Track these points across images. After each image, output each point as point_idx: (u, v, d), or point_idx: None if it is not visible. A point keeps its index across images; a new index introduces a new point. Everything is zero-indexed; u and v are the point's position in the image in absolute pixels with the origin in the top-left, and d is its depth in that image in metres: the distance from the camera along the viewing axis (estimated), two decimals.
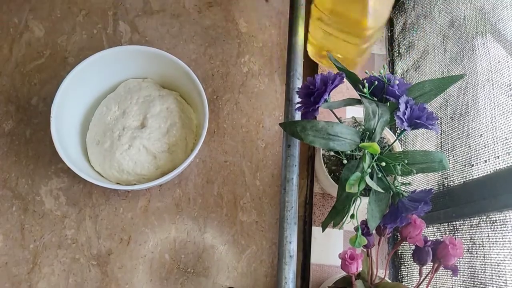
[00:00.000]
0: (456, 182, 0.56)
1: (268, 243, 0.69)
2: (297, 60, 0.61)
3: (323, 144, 0.46)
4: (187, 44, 0.79)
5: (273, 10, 0.83)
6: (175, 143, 0.67)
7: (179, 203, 0.70)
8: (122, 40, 0.78)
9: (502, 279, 0.46)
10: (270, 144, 0.74)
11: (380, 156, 0.48)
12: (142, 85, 0.70)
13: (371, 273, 0.52)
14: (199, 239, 0.68)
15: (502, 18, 0.51)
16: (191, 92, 0.68)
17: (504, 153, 0.48)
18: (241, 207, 0.70)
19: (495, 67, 0.51)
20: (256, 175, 0.72)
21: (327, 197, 0.70)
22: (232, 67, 0.78)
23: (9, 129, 0.71)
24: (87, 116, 0.69)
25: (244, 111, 0.76)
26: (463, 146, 0.56)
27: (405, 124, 0.45)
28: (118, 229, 0.68)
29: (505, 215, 0.46)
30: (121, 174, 0.65)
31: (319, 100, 0.47)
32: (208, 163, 0.72)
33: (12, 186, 0.68)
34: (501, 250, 0.47)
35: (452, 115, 0.59)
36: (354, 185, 0.44)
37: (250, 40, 0.80)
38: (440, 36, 0.64)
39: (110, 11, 0.80)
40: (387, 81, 0.48)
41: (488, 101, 0.52)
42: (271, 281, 0.67)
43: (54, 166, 0.70)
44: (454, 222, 0.56)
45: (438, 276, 0.56)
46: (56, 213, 0.67)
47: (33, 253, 0.65)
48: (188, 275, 0.66)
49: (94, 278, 0.65)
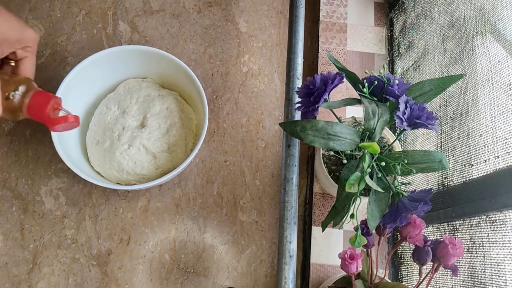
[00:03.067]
0: (456, 182, 0.56)
1: (268, 243, 0.69)
2: (297, 60, 0.61)
3: (323, 144, 0.46)
4: (187, 44, 0.79)
5: (273, 10, 0.83)
6: (175, 143, 0.67)
7: (179, 203, 0.70)
8: (122, 40, 0.78)
9: (502, 279, 0.46)
10: (270, 144, 0.74)
11: (380, 156, 0.48)
12: (142, 85, 0.70)
13: (371, 273, 0.52)
14: (199, 239, 0.68)
15: (502, 18, 0.51)
16: (191, 92, 0.68)
17: (504, 152, 0.48)
18: (241, 207, 0.70)
19: (495, 67, 0.51)
20: (256, 175, 0.72)
21: (327, 197, 0.70)
22: (232, 67, 0.78)
23: (9, 129, 0.71)
24: (87, 116, 0.69)
25: (244, 111, 0.76)
26: (463, 146, 0.56)
27: (405, 124, 0.45)
28: (118, 229, 0.68)
29: (505, 215, 0.46)
30: (121, 174, 0.65)
31: (319, 100, 0.47)
32: (208, 163, 0.72)
33: (12, 186, 0.68)
34: (501, 250, 0.47)
35: (452, 114, 0.59)
36: (354, 185, 0.44)
37: (250, 40, 0.80)
38: (440, 35, 0.64)
39: (110, 11, 0.80)
40: (387, 81, 0.48)
41: (488, 101, 0.52)
42: (271, 281, 0.67)
43: (54, 166, 0.70)
44: (454, 222, 0.56)
45: (438, 276, 0.56)
46: (56, 213, 0.67)
47: (33, 253, 0.65)
48: (188, 275, 0.66)
49: (94, 278, 0.65)
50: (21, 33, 0.50)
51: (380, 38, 0.79)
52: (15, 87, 0.49)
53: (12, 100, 0.48)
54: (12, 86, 0.48)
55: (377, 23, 0.80)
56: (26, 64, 0.53)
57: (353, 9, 0.81)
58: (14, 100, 0.48)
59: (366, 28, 0.80)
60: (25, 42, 0.51)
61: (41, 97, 0.50)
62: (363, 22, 0.80)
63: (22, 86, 0.49)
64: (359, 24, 0.80)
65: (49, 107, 0.49)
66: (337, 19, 0.80)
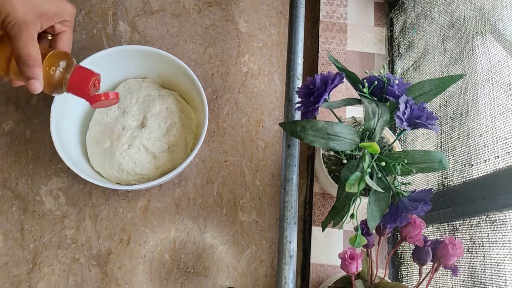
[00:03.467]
0: (456, 182, 0.56)
1: (268, 243, 0.69)
2: (297, 60, 0.61)
3: (323, 144, 0.46)
4: (187, 44, 0.79)
5: (273, 10, 0.83)
6: (175, 143, 0.67)
7: (179, 203, 0.70)
8: (122, 40, 0.78)
9: (502, 279, 0.46)
10: (270, 144, 0.74)
11: (380, 156, 0.48)
12: (142, 85, 0.70)
13: (371, 273, 0.52)
14: (199, 239, 0.68)
15: (502, 18, 0.51)
16: (191, 92, 0.68)
17: (504, 152, 0.48)
18: (241, 207, 0.70)
19: (495, 67, 0.51)
20: (256, 175, 0.72)
21: (327, 197, 0.70)
22: (232, 67, 0.78)
23: (9, 129, 0.71)
24: (87, 116, 0.69)
25: (244, 111, 0.76)
26: (462, 146, 0.56)
27: (405, 124, 0.45)
28: (118, 229, 0.68)
29: (504, 215, 0.46)
30: (121, 174, 0.65)
31: (319, 100, 0.47)
32: (208, 163, 0.72)
33: (12, 186, 0.68)
34: (501, 250, 0.47)
35: (452, 114, 0.59)
36: (354, 185, 0.44)
37: (250, 40, 0.80)
38: (440, 35, 0.64)
39: (110, 11, 0.80)
40: (387, 81, 0.48)
41: (488, 101, 0.52)
42: (271, 281, 0.67)
43: (54, 166, 0.70)
44: (454, 222, 0.56)
45: (438, 276, 0.56)
46: (56, 213, 0.67)
47: (33, 253, 0.65)
48: (188, 275, 0.66)
49: (94, 278, 0.65)
50: (59, 7, 0.49)
51: (380, 38, 0.79)
52: (56, 62, 0.48)
53: (53, 75, 0.48)
54: (53, 61, 0.48)
55: (377, 23, 0.80)
56: (64, 39, 0.52)
57: (353, 9, 0.81)
58: (55, 75, 0.48)
59: (366, 28, 0.80)
60: (63, 16, 0.50)
61: (82, 72, 0.49)
62: (363, 22, 0.80)
63: (63, 61, 0.48)
64: (359, 24, 0.80)
65: (90, 83, 0.49)
66: (337, 19, 0.80)
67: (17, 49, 0.45)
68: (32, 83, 0.46)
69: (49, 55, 0.48)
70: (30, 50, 0.45)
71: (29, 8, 0.45)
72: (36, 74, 0.46)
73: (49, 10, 0.48)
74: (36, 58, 0.46)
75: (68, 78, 0.48)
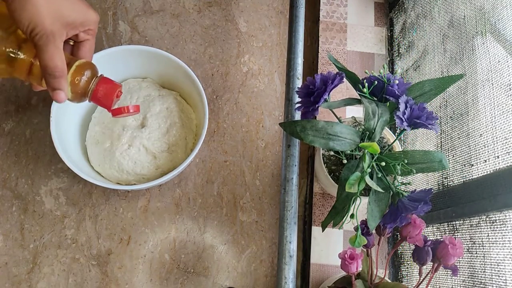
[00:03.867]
0: (456, 182, 0.56)
1: (268, 243, 0.69)
2: (297, 60, 0.61)
3: (323, 144, 0.46)
4: (187, 44, 0.79)
5: (273, 10, 0.83)
6: (175, 143, 0.67)
7: (179, 203, 0.70)
8: (122, 40, 0.78)
9: (502, 279, 0.46)
10: (270, 144, 0.74)
11: (380, 156, 0.48)
12: (142, 85, 0.70)
13: (371, 273, 0.52)
14: (199, 239, 0.68)
15: (502, 18, 0.51)
16: (191, 92, 0.68)
17: (504, 152, 0.48)
18: (241, 207, 0.70)
19: (495, 67, 0.51)
20: (256, 175, 0.72)
21: (327, 197, 0.70)
22: (232, 67, 0.78)
23: (9, 129, 0.71)
24: (87, 116, 0.69)
25: (244, 111, 0.76)
26: (462, 146, 0.56)
27: (405, 124, 0.45)
28: (118, 229, 0.68)
29: (504, 215, 0.46)
30: (121, 174, 0.65)
31: (319, 100, 0.47)
32: (208, 163, 0.72)
33: (12, 186, 0.68)
34: (501, 250, 0.47)
35: (452, 114, 0.59)
36: (354, 185, 0.44)
37: (250, 40, 0.80)
38: (440, 35, 0.64)
39: (110, 11, 0.80)
40: (387, 81, 0.48)
41: (488, 101, 0.52)
42: (271, 281, 0.67)
43: (54, 166, 0.70)
44: (454, 222, 0.56)
45: (438, 276, 0.56)
46: (56, 213, 0.67)
47: (33, 253, 0.65)
48: (188, 275, 0.67)
49: (94, 278, 0.65)
50: (84, 16, 0.49)
51: (380, 38, 0.79)
52: (82, 72, 0.48)
53: (78, 86, 0.48)
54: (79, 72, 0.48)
55: (377, 23, 0.80)
56: (86, 47, 0.52)
57: (353, 9, 0.81)
58: (80, 85, 0.48)
59: (366, 28, 0.80)
60: (88, 25, 0.50)
61: (107, 84, 0.49)
62: (363, 22, 0.80)
63: (87, 72, 0.48)
64: (359, 24, 0.80)
65: (114, 95, 0.49)
66: (337, 19, 0.80)
67: (43, 60, 0.45)
68: (58, 94, 0.47)
69: (75, 65, 0.48)
70: (56, 61, 0.45)
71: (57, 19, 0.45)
72: (62, 85, 0.46)
73: (75, 19, 0.47)
74: (63, 70, 0.46)
75: (93, 89, 0.49)
